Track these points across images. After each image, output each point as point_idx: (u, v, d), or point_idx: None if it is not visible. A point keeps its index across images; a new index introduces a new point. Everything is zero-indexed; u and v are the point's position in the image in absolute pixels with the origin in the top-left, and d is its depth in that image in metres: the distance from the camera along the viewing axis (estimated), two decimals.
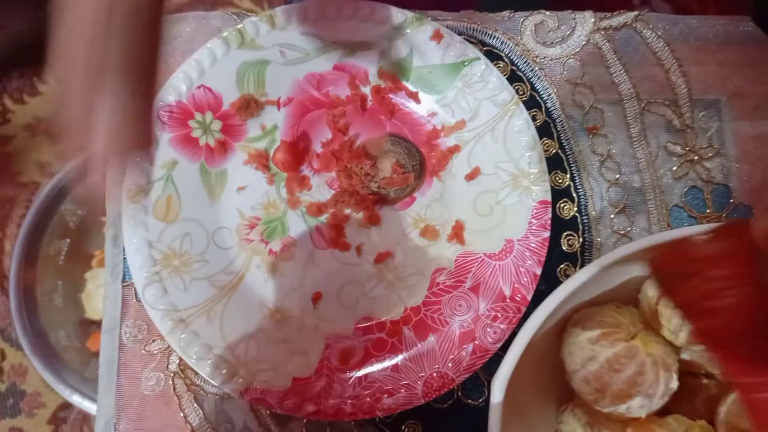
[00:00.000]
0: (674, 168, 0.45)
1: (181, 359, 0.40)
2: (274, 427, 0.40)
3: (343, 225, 0.42)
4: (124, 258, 0.42)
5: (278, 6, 0.43)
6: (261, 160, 0.43)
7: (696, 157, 0.45)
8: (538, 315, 0.32)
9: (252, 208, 0.43)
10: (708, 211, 0.44)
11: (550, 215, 0.41)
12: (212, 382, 0.37)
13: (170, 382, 0.40)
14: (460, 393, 0.41)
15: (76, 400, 0.91)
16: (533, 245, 0.40)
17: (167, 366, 0.40)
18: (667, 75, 0.47)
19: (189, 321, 0.38)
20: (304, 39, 0.43)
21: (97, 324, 1.04)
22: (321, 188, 0.43)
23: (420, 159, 0.43)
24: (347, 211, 0.43)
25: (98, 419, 0.39)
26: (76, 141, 0.25)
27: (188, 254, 0.40)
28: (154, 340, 0.41)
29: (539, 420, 0.37)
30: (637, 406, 0.33)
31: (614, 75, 0.46)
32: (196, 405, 0.40)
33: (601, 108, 0.46)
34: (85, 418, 1.06)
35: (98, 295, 1.05)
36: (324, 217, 0.43)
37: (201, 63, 0.42)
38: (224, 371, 0.37)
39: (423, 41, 0.43)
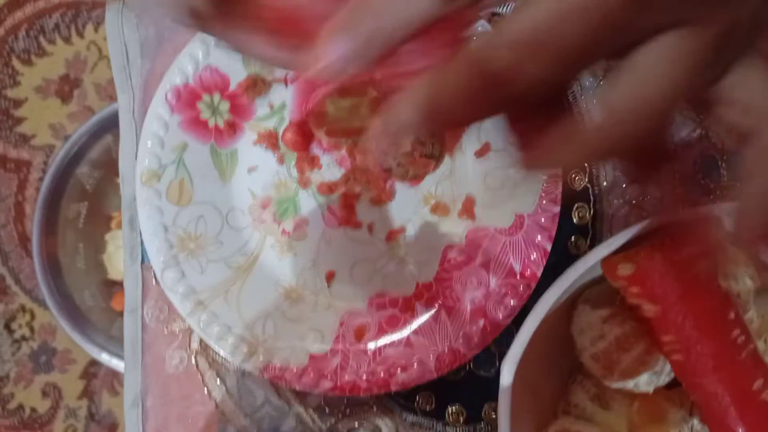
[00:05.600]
0: (688, 135, 0.44)
1: None
2: (293, 400, 0.42)
3: (353, 203, 0.43)
4: (142, 241, 0.43)
5: None
6: (270, 140, 0.43)
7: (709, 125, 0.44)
8: (548, 297, 0.33)
9: (263, 188, 0.43)
10: (723, 179, 0.44)
11: (560, 190, 0.40)
12: (232, 360, 0.39)
13: (193, 360, 0.42)
14: (471, 365, 0.42)
15: (105, 358, 0.95)
16: (543, 220, 0.40)
17: (189, 344, 0.42)
18: None
19: (207, 302, 0.40)
20: None
21: (120, 284, 1.07)
22: (331, 167, 0.43)
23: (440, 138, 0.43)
24: (358, 189, 0.43)
25: (126, 396, 0.41)
26: None
27: (203, 237, 0.41)
28: (175, 320, 0.42)
29: (548, 391, 0.39)
30: (645, 383, 0.34)
31: None
32: (218, 381, 0.41)
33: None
34: (115, 373, 1.11)
35: (119, 256, 1.07)
36: (335, 196, 0.43)
37: (206, 42, 0.41)
38: (244, 350, 0.39)
39: None
